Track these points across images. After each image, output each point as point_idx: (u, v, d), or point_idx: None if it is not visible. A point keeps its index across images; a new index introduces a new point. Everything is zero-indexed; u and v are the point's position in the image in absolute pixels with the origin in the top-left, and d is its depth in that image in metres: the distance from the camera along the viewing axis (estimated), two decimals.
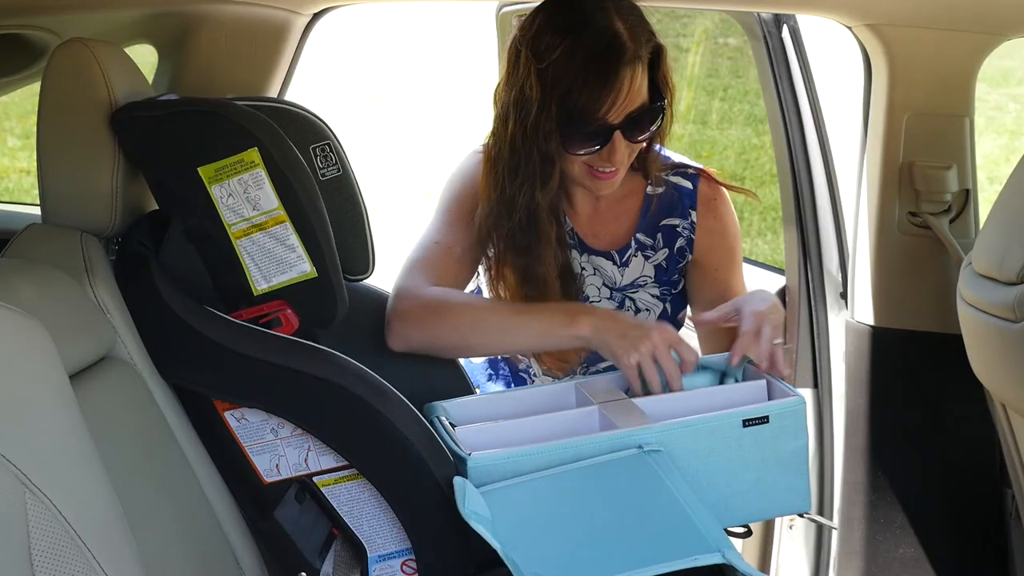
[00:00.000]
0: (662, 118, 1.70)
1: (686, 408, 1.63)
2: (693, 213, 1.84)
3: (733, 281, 1.86)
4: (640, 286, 1.86)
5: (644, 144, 1.73)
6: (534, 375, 1.96)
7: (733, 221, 1.87)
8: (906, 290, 2.08)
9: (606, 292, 1.85)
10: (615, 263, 1.84)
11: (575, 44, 1.61)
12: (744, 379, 1.72)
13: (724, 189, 1.86)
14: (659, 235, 1.84)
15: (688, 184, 1.85)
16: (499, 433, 1.63)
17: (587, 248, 1.84)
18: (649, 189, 1.84)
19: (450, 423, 1.63)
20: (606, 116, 1.63)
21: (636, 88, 1.63)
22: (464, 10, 6.96)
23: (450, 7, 7.52)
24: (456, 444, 1.56)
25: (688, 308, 1.95)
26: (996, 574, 2.04)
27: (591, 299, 1.85)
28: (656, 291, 1.86)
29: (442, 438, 1.58)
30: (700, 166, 1.88)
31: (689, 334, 1.98)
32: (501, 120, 1.72)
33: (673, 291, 1.87)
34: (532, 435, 1.60)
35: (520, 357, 1.94)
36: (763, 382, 1.69)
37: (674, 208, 1.84)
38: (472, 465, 1.51)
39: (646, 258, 1.85)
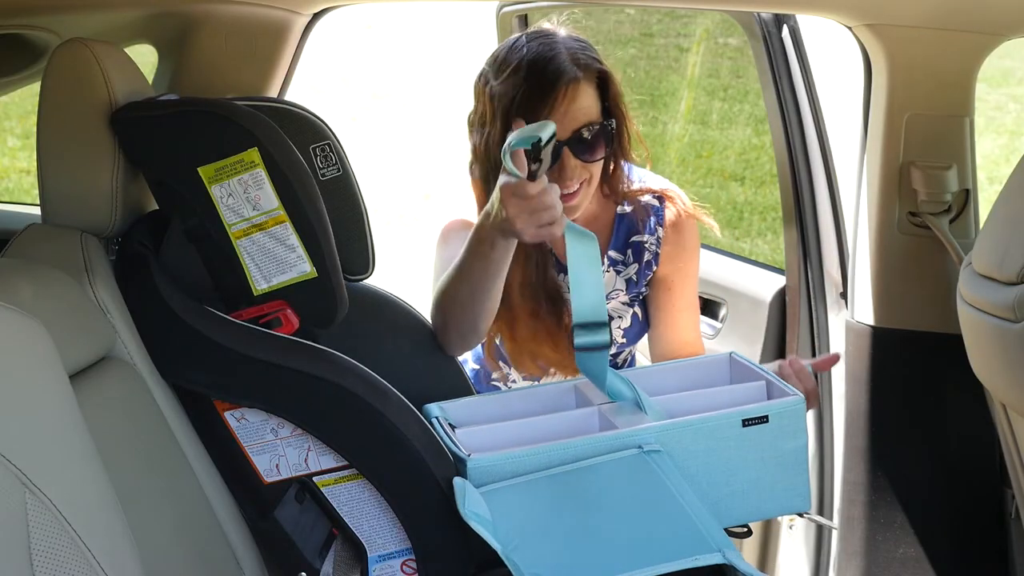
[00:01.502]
0: (613, 139, 1.79)
1: (686, 408, 1.63)
2: (660, 230, 1.93)
3: (686, 293, 1.95)
4: (612, 298, 1.95)
5: (599, 165, 1.80)
6: (512, 380, 2.00)
7: (695, 241, 1.96)
8: (906, 290, 2.08)
9: None
10: None
11: (520, 63, 1.74)
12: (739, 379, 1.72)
13: (691, 209, 1.94)
14: (629, 251, 1.93)
15: (656, 203, 1.94)
16: (499, 434, 1.63)
17: (563, 267, 1.89)
18: (619, 209, 1.93)
19: (450, 424, 1.63)
20: None
21: (579, 106, 1.73)
22: (464, 10, 6.97)
23: (450, 7, 7.53)
24: (456, 445, 1.56)
25: None
26: (996, 574, 2.04)
27: (567, 314, 1.89)
28: (626, 299, 1.96)
29: (442, 439, 1.58)
30: (666, 189, 1.94)
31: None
32: (472, 147, 1.82)
33: (641, 297, 1.97)
34: (532, 436, 1.60)
35: (500, 364, 1.99)
36: (763, 382, 1.70)
37: (643, 226, 1.93)
38: (472, 466, 1.52)
39: (617, 272, 1.94)
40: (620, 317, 1.95)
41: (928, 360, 2.07)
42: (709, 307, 2.49)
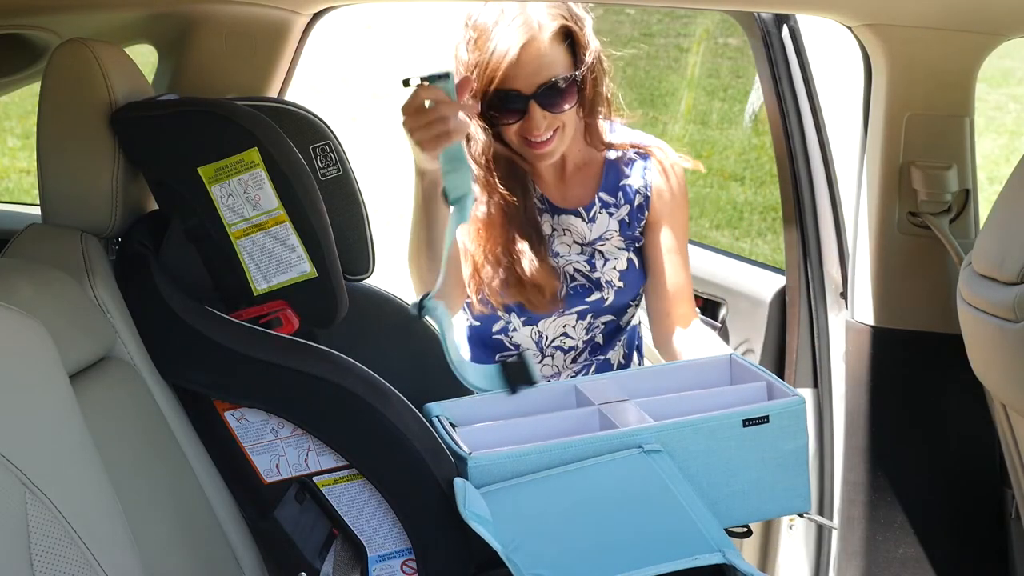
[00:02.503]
0: (580, 90, 1.86)
1: (686, 408, 1.63)
2: (649, 175, 2.01)
3: (677, 236, 2.02)
4: (607, 239, 2.00)
5: (572, 113, 1.87)
6: (513, 328, 2.01)
7: (683, 189, 2.04)
8: (906, 290, 2.08)
9: (576, 248, 1.99)
10: (583, 219, 1.99)
11: (484, 28, 1.84)
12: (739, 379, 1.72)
13: (677, 160, 2.04)
14: (620, 194, 2.00)
15: (644, 151, 2.03)
16: (499, 433, 1.63)
17: (557, 209, 1.99)
18: (608, 155, 2.00)
19: (450, 423, 1.63)
20: (515, 85, 1.81)
21: (542, 62, 1.81)
22: (464, 10, 6.95)
23: (450, 7, 7.51)
24: (456, 444, 1.56)
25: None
26: (996, 574, 2.04)
27: (561, 255, 1.98)
28: (621, 243, 2.01)
29: (442, 438, 1.58)
30: (652, 144, 2.02)
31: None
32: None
33: (636, 244, 2.02)
34: (532, 435, 1.60)
35: (505, 330, 2.01)
36: (763, 383, 1.69)
37: (632, 171, 2.01)
38: (472, 464, 1.51)
39: (610, 214, 2.00)
40: (615, 259, 2.00)
41: (928, 360, 2.07)
42: (709, 307, 2.49)
